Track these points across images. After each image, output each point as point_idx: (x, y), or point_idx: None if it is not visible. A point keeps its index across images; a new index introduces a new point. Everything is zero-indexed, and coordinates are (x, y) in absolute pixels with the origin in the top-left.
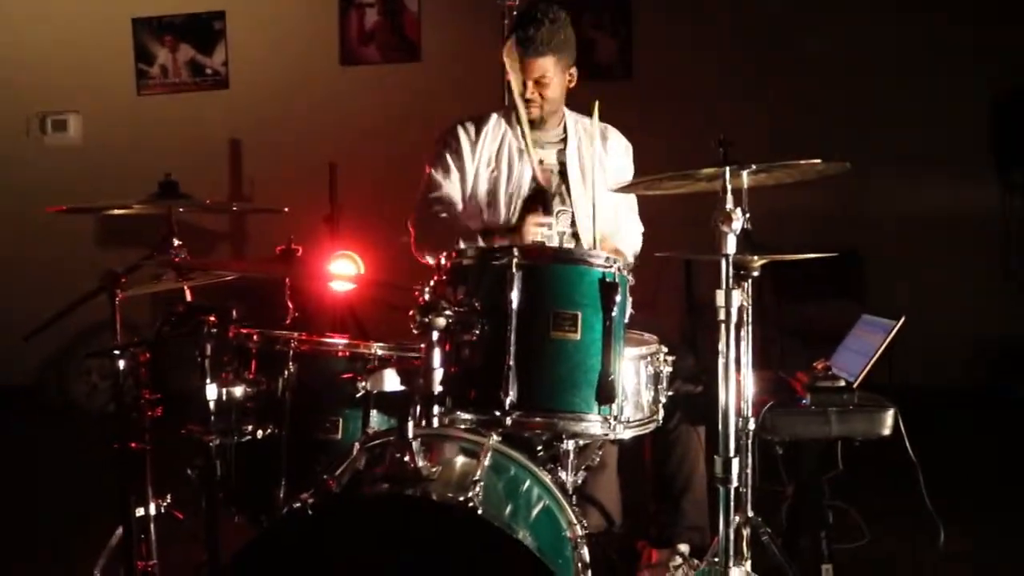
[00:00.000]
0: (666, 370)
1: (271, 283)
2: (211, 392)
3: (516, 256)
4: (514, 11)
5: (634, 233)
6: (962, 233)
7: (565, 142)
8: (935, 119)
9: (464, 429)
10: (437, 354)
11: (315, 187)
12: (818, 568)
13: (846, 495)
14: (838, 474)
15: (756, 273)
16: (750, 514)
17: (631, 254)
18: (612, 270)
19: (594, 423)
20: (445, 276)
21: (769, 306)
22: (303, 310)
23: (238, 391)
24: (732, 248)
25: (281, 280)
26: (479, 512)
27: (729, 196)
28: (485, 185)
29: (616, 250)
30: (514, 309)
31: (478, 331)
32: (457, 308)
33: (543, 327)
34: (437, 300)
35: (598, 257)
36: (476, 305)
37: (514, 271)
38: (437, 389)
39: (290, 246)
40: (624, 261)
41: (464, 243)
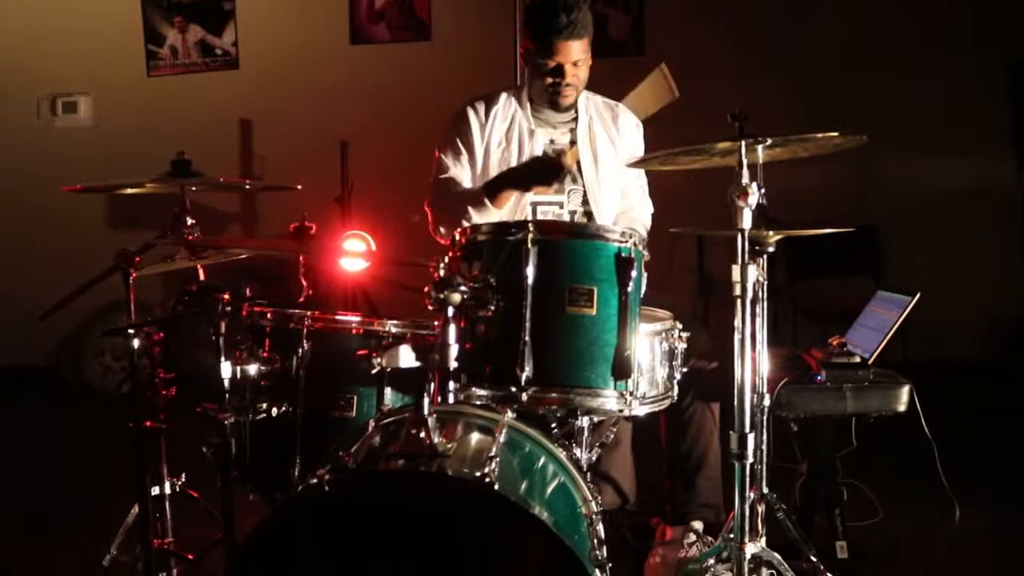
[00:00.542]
0: (680, 347)
1: (284, 262)
2: (225, 370)
3: (531, 231)
4: None
5: (645, 214)
6: (978, 208)
7: (576, 120)
8: (953, 93)
9: (479, 406)
10: (452, 330)
11: (326, 166)
12: (832, 545)
13: (861, 472)
14: (852, 451)
15: (771, 249)
16: (765, 491)
17: (643, 232)
18: (628, 245)
19: (610, 399)
20: (460, 252)
21: (782, 283)
22: (316, 289)
23: (252, 369)
24: (748, 223)
25: (294, 258)
26: (495, 487)
27: (745, 170)
28: (496, 164)
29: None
30: (529, 284)
31: (493, 307)
32: (472, 284)
33: (559, 302)
34: (452, 276)
35: (614, 232)
36: (491, 281)
37: (529, 246)
38: (452, 365)
39: (304, 223)
40: (639, 236)
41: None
